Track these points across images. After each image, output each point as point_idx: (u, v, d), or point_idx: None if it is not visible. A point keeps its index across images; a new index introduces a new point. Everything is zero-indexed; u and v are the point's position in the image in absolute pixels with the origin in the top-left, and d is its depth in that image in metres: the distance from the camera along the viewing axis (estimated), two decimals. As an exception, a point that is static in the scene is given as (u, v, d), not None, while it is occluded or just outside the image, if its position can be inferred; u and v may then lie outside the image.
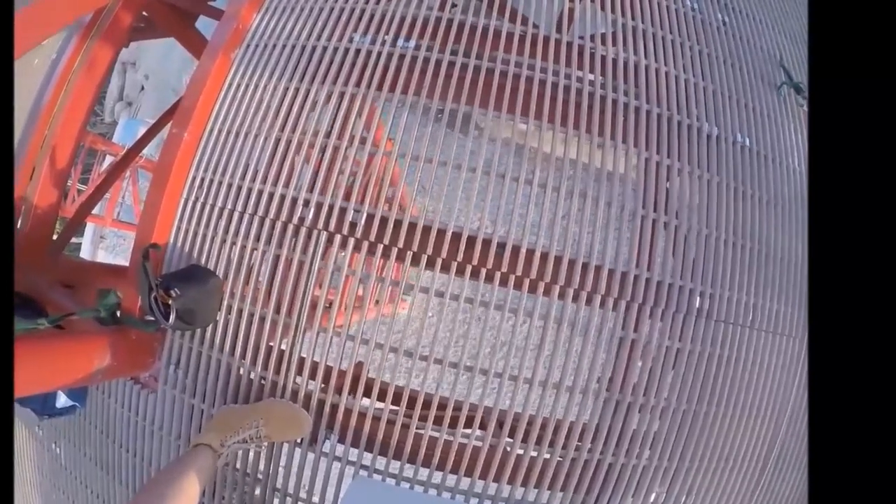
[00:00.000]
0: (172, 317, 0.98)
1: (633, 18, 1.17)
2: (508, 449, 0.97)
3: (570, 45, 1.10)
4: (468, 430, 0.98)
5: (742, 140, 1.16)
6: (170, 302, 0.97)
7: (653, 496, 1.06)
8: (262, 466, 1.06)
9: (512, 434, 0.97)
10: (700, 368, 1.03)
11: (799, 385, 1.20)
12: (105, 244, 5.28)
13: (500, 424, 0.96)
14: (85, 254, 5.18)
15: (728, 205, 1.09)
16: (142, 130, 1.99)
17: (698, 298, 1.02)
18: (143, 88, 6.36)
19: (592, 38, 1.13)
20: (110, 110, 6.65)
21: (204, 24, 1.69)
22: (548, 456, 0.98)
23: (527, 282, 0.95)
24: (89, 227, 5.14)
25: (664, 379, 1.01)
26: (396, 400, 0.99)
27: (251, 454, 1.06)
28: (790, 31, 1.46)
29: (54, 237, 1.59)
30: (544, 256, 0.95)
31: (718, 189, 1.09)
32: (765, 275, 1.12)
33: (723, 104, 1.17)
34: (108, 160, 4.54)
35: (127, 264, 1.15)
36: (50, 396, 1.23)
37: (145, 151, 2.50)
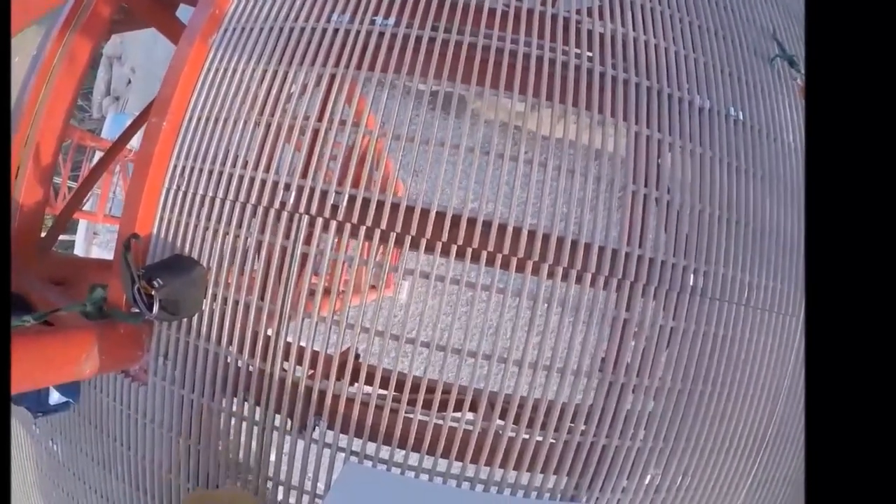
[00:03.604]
0: (156, 307, 0.96)
1: (620, -10, 1.14)
2: (500, 432, 0.96)
3: (555, 18, 1.07)
4: (458, 414, 0.97)
5: (735, 114, 1.13)
6: (153, 293, 0.96)
7: (648, 477, 1.05)
8: (252, 456, 1.06)
9: (504, 416, 0.96)
10: (695, 347, 1.02)
11: (796, 363, 1.18)
12: (98, 240, 5.28)
13: (492, 407, 0.95)
14: (79, 251, 5.17)
15: (721, 180, 1.07)
16: (128, 124, 1.96)
17: (692, 276, 1.00)
18: (129, 82, 6.31)
19: (579, 11, 1.10)
20: (98, 106, 6.60)
21: (186, 12, 1.66)
22: (541, 438, 0.97)
23: (514, 261, 0.93)
24: (82, 224, 5.13)
25: (658, 358, 0.99)
26: (385, 384, 0.98)
27: (242, 442, 1.05)
28: (783, 3, 1.41)
29: (42, 234, 1.58)
30: (531, 234, 0.93)
31: (711, 164, 1.06)
32: (760, 251, 1.10)
33: (714, 77, 1.13)
34: (98, 156, 4.51)
35: (113, 256, 1.13)
36: (43, 393, 1.23)
37: (133, 144, 2.48)
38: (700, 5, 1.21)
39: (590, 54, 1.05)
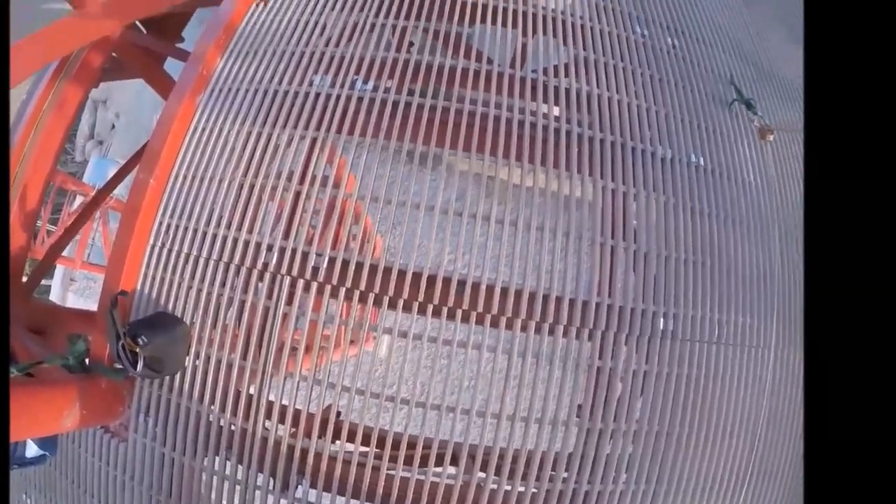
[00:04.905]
0: (140, 365, 0.97)
1: (584, 49, 1.22)
2: (482, 484, 0.97)
3: (523, 79, 1.14)
4: (440, 469, 0.97)
5: (696, 160, 1.20)
6: (137, 350, 0.97)
7: (632, 520, 1.06)
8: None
9: (485, 468, 0.97)
10: (669, 389, 1.05)
11: (771, 394, 1.21)
12: (75, 287, 5.11)
13: (473, 460, 0.96)
14: (54, 296, 4.98)
15: (686, 225, 1.13)
16: (112, 170, 1.99)
17: (662, 320, 1.04)
18: (114, 127, 6.27)
19: (546, 71, 1.17)
20: (81, 149, 6.54)
21: (173, 65, 1.72)
22: (522, 489, 0.98)
23: (488, 317, 0.96)
24: (59, 269, 4.96)
25: (634, 403, 1.02)
26: (367, 441, 0.99)
27: (224, 501, 1.04)
28: (740, 49, 1.52)
29: (24, 279, 1.57)
30: (504, 291, 0.97)
31: (675, 210, 1.12)
32: (727, 289, 1.15)
33: (675, 127, 1.21)
34: (79, 200, 4.43)
35: (97, 308, 1.13)
36: (19, 446, 1.20)
37: (116, 192, 2.48)
38: (660, 58, 1.30)
39: (556, 113, 1.12)
